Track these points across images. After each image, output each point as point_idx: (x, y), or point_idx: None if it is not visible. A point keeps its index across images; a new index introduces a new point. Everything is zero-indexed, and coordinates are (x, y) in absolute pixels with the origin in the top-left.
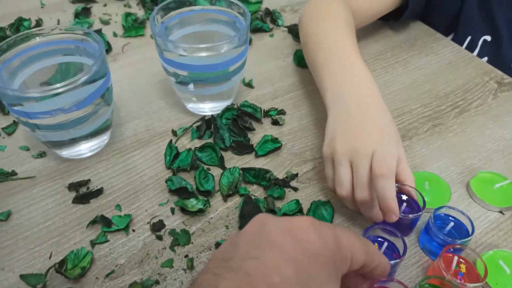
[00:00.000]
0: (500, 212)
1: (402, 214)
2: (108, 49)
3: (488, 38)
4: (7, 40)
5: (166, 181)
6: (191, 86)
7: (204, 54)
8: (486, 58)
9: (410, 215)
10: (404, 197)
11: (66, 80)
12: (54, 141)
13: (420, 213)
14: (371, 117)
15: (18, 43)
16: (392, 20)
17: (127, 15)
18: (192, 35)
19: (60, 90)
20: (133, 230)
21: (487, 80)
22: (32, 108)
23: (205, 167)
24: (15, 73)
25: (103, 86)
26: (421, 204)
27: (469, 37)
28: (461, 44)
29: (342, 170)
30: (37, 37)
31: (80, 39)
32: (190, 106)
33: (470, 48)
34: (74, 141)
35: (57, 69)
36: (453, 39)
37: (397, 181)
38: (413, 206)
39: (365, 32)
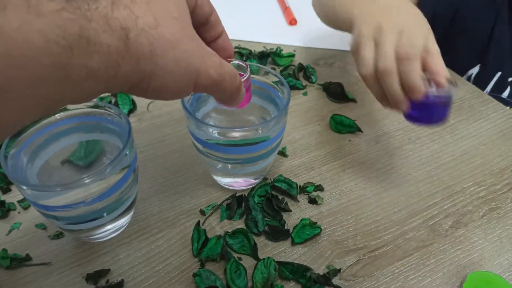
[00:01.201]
0: None
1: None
2: (133, 108)
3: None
4: None
5: (193, 276)
6: (219, 165)
7: (238, 134)
8: None
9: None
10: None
11: (90, 165)
12: (72, 230)
13: (451, 94)
14: (400, 3)
15: (36, 122)
16: None
17: None
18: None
19: (86, 181)
20: None
21: None
22: (50, 202)
23: (236, 256)
24: (35, 154)
25: (129, 171)
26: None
27: (499, 73)
28: (490, 80)
29: (366, 49)
30: (57, 114)
31: (104, 115)
32: (219, 179)
33: (500, 86)
34: (94, 227)
35: (78, 145)
36: (479, 73)
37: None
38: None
39: None
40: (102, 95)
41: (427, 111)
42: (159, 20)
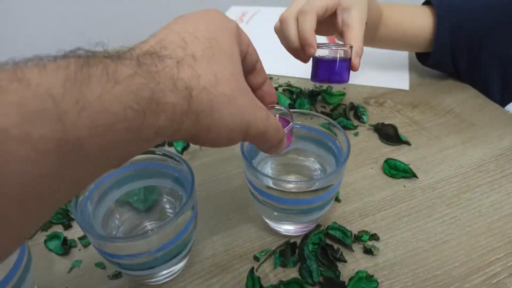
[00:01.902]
0: None
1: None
2: (186, 146)
3: None
4: None
5: None
6: (275, 213)
7: (292, 186)
8: None
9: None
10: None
11: (150, 208)
12: (133, 274)
13: (345, 49)
14: None
15: None
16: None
17: None
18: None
19: (150, 234)
20: None
21: None
22: (115, 251)
23: None
24: (101, 199)
25: (191, 219)
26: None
27: None
28: None
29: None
30: None
31: (165, 161)
32: (271, 224)
33: None
34: (155, 272)
35: (139, 190)
36: None
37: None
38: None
39: (462, 134)
40: None
41: (324, 68)
42: (218, 78)
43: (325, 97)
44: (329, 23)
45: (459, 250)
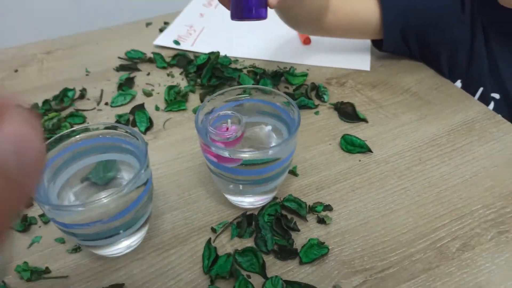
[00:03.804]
0: None
1: None
2: (150, 126)
3: (497, 96)
4: (50, 140)
5: None
6: (231, 186)
7: (247, 155)
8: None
9: None
10: None
11: (108, 183)
12: (90, 245)
13: None
14: None
15: (59, 141)
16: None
17: (170, 88)
18: None
19: (103, 202)
20: None
21: None
22: (70, 220)
23: (245, 274)
24: (57, 173)
25: (145, 191)
26: None
27: (481, 89)
28: (473, 95)
29: None
30: (78, 135)
31: (121, 136)
32: (230, 198)
33: (483, 102)
34: (110, 244)
35: (97, 165)
36: (462, 87)
37: None
38: None
39: (418, 112)
40: (120, 113)
41: (239, 4)
42: None
43: (288, 78)
44: None
45: (407, 218)
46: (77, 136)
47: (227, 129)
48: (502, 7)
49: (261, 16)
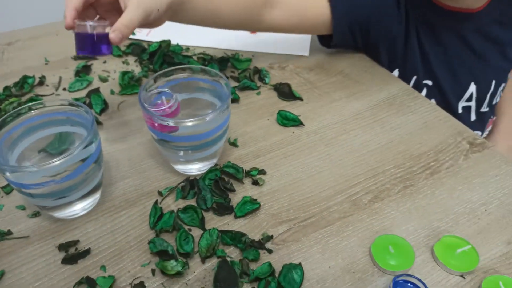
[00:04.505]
0: (461, 276)
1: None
2: (105, 107)
3: (429, 82)
4: (8, 114)
5: (148, 243)
6: (177, 154)
7: (189, 124)
8: (433, 100)
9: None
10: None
11: (62, 154)
12: (46, 206)
13: (101, 24)
14: None
15: (17, 116)
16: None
17: (124, 73)
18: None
19: (55, 164)
20: None
21: (459, 140)
22: (26, 180)
23: (187, 228)
24: (15, 144)
25: (93, 156)
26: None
27: (415, 77)
28: (408, 83)
29: None
30: (34, 110)
31: (73, 111)
32: (177, 167)
33: (417, 88)
34: (65, 204)
35: (54, 137)
36: (399, 76)
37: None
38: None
39: (348, 90)
40: (77, 96)
41: (81, 41)
42: None
43: (234, 63)
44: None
45: (329, 178)
46: (33, 111)
47: (163, 105)
48: (428, 5)
49: (104, 52)
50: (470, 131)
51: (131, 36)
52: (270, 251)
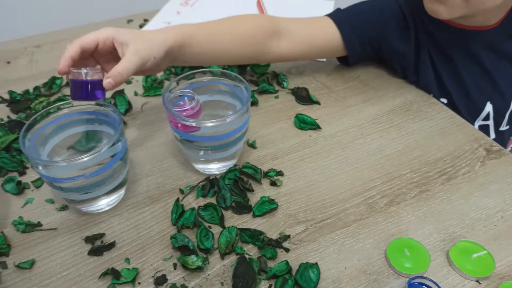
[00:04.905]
0: (477, 281)
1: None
2: (129, 108)
3: (444, 101)
4: (39, 112)
5: (170, 238)
6: (198, 153)
7: (211, 124)
8: None
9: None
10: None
11: (90, 151)
12: (75, 200)
13: (95, 71)
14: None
15: (48, 114)
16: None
17: (147, 76)
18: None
19: (84, 160)
20: (139, 283)
21: (476, 147)
22: (57, 174)
23: (207, 225)
24: (46, 140)
25: (120, 153)
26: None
27: (431, 95)
28: None
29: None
30: (64, 109)
31: (100, 110)
32: (198, 166)
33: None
34: (92, 199)
35: (82, 135)
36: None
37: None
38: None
39: (364, 95)
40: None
41: (72, 86)
42: None
43: (253, 67)
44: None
45: (346, 180)
46: (63, 110)
47: (185, 106)
48: (437, 24)
49: (98, 98)
50: (487, 138)
51: None
52: (287, 250)
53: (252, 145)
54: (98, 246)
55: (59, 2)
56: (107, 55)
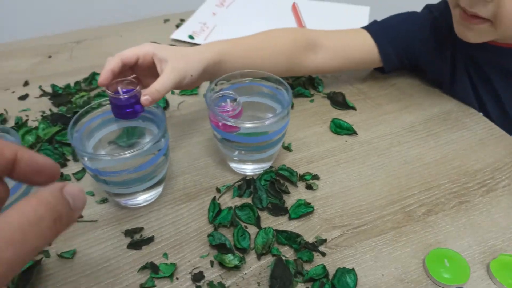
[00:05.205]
0: None
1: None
2: (166, 106)
3: (480, 114)
4: (86, 108)
5: (208, 236)
6: (236, 153)
7: (250, 125)
8: None
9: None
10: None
11: (131, 146)
12: (116, 193)
13: (124, 95)
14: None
15: (92, 110)
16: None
17: None
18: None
19: (129, 155)
20: (177, 279)
21: None
22: (102, 167)
23: (243, 225)
24: (92, 134)
25: (163, 150)
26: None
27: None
28: None
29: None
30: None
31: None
32: (233, 165)
33: None
34: (134, 193)
35: (123, 130)
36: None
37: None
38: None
39: (400, 103)
40: None
41: (112, 105)
42: None
43: None
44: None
45: (383, 188)
46: (105, 107)
47: (227, 106)
48: (475, 47)
49: (138, 114)
50: None
51: (190, 40)
52: (323, 254)
53: (288, 148)
54: (137, 240)
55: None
56: (146, 70)
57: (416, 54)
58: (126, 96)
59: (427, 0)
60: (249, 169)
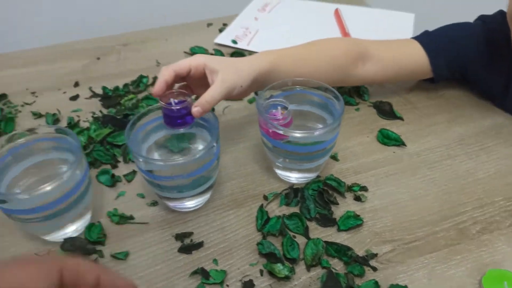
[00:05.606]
0: None
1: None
2: (212, 110)
3: None
4: (141, 112)
5: (257, 244)
6: (280, 160)
7: (298, 135)
8: None
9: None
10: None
11: (182, 151)
12: (168, 197)
13: (177, 107)
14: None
15: (149, 112)
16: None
17: None
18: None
19: (181, 161)
20: (227, 285)
21: None
22: (158, 172)
23: (292, 234)
24: (146, 138)
25: (215, 156)
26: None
27: None
28: None
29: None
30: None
31: None
32: (279, 172)
33: None
34: (184, 198)
35: (172, 135)
36: None
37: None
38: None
39: (449, 114)
40: None
41: (164, 115)
42: None
43: None
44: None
45: (434, 202)
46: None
47: (277, 114)
48: None
49: (188, 123)
50: None
51: (233, 45)
52: (374, 268)
53: (335, 157)
54: (187, 244)
55: (141, 3)
56: (197, 80)
57: (468, 66)
58: (178, 107)
59: (471, 8)
60: (293, 177)
